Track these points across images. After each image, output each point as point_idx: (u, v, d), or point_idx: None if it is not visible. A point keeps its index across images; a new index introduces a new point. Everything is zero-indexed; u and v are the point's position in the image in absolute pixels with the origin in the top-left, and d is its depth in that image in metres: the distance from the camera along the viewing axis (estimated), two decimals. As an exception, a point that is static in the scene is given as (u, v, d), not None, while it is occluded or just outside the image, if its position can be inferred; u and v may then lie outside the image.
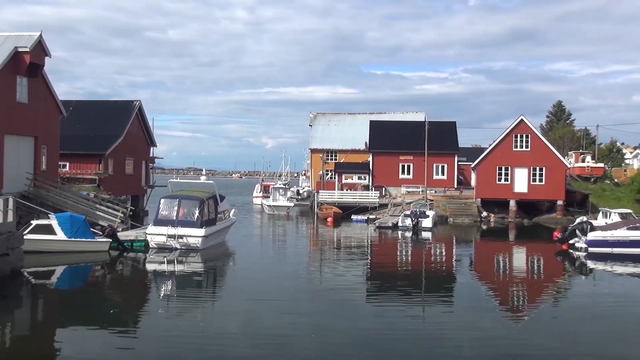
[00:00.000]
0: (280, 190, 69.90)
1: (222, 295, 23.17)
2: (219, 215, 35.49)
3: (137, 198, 55.16)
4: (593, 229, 36.49)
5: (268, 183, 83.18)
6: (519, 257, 37.38)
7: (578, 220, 39.15)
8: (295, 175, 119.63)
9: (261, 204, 73.25)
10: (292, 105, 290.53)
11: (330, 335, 16.90)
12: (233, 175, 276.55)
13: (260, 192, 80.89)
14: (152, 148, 60.16)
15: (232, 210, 40.18)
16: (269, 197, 70.11)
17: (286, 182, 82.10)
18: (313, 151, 78.50)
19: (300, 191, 78.52)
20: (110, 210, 36.78)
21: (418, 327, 18.47)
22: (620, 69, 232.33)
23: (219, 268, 30.01)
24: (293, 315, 19.34)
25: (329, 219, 54.19)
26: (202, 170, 65.03)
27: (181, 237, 31.88)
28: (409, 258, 36.14)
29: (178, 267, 28.97)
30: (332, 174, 70.29)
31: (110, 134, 50.84)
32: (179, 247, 31.88)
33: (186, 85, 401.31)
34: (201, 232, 32.08)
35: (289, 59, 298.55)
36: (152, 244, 32.30)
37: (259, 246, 40.65)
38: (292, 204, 67.96)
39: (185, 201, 33.33)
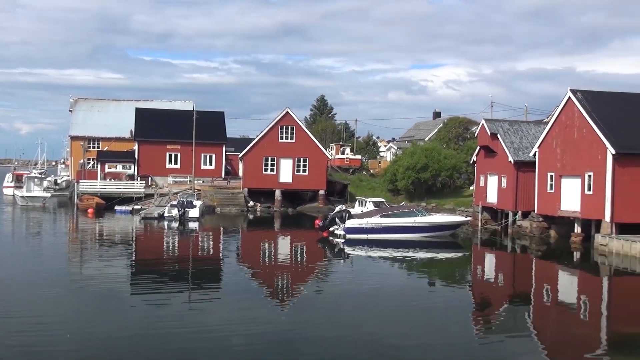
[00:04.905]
0: (36, 179, 64.90)
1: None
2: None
3: None
4: (351, 217, 38.79)
5: (21, 172, 76.51)
6: (284, 245, 38.58)
7: (337, 208, 41.36)
8: (54, 163, 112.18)
9: (13, 195, 67.21)
10: (51, 88, 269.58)
11: (91, 338, 15.83)
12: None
13: (12, 181, 74.19)
14: None
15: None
16: (23, 187, 64.64)
17: (42, 171, 76.30)
18: (73, 138, 73.72)
19: (59, 181, 73.34)
20: None
21: (185, 319, 18.02)
22: (378, 68, 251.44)
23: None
24: (48, 318, 17.85)
25: (90, 210, 51.36)
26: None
27: None
28: (176, 249, 35.44)
29: None
30: (94, 163, 66.76)
31: None
32: None
33: None
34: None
35: (49, 38, 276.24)
36: None
37: (10, 242, 37.04)
38: (48, 195, 63.38)
39: None
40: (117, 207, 52.97)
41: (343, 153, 77.41)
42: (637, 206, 33.83)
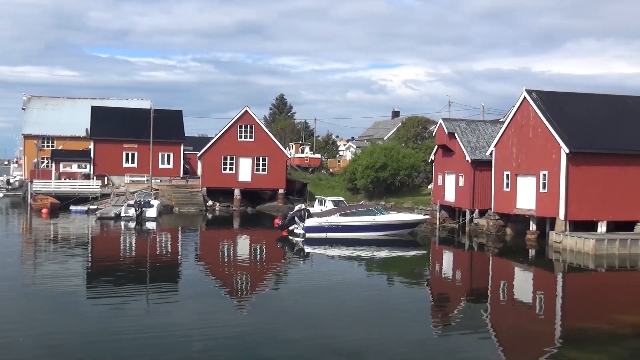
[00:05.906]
0: (-13, 179, 63.32)
1: None
2: None
3: None
4: (310, 215, 38.77)
5: (-28, 172, 74.63)
6: (243, 245, 38.37)
7: (297, 207, 41.32)
8: (6, 163, 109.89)
9: (-37, 195, 65.53)
10: (2, 85, 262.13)
11: (44, 342, 15.45)
12: None
13: (-38, 181, 72.31)
14: None
15: None
16: (-27, 187, 63.02)
17: (-6, 170, 74.44)
18: (26, 137, 72.18)
19: (11, 180, 71.72)
20: None
21: (142, 323, 17.72)
22: (337, 67, 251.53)
23: None
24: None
25: (44, 210, 50.27)
26: None
27: None
28: (133, 250, 34.89)
29: None
30: (48, 162, 65.42)
31: None
32: None
33: None
34: None
35: (1, 34, 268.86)
36: None
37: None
38: (0, 195, 61.99)
39: None
40: (72, 207, 51.94)
41: (302, 152, 77.37)
42: (590, 204, 34.65)
